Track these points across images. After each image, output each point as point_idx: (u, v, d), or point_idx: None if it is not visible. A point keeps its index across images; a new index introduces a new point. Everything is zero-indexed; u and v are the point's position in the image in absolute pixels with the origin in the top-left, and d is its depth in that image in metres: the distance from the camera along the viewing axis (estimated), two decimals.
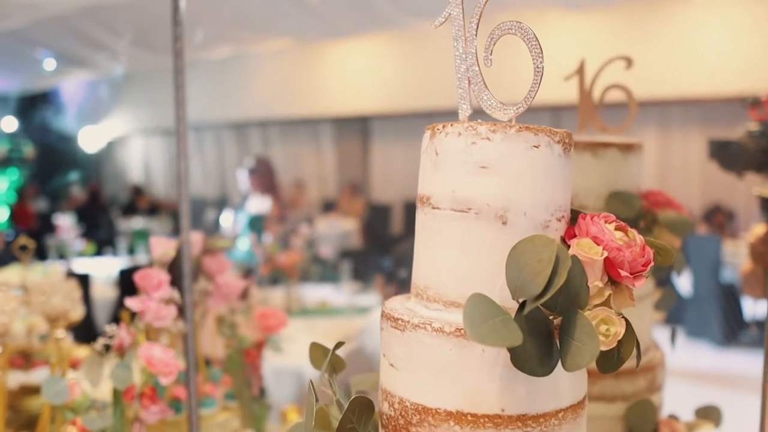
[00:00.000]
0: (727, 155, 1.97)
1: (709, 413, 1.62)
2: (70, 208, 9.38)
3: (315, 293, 4.94)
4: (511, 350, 0.79)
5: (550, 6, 6.65)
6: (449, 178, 0.90)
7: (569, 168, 0.92)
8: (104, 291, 5.34)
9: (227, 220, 6.56)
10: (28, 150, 10.86)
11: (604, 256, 0.84)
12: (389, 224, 9.88)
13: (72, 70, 8.58)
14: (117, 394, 1.58)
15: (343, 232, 8.55)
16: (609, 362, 0.87)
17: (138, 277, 1.67)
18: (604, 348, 0.83)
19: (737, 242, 6.39)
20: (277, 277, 4.96)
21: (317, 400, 0.96)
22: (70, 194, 10.59)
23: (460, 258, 0.89)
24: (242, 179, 6.26)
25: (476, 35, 0.93)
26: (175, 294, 1.69)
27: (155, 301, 1.64)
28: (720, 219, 7.09)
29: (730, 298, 5.88)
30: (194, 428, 1.80)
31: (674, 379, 1.68)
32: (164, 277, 1.68)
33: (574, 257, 0.81)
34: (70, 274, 3.61)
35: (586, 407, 0.94)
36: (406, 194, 9.77)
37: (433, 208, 0.92)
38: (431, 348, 0.85)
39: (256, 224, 5.76)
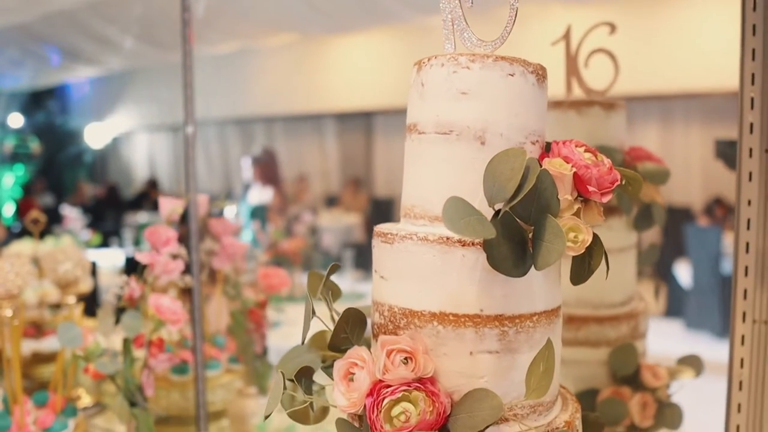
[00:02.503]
0: (733, 154, 2.05)
1: (690, 361, 1.69)
2: (76, 203, 9.49)
3: None
4: (487, 251, 0.88)
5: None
6: (433, 104, 0.99)
7: (543, 97, 1.00)
8: (110, 279, 5.42)
9: (231, 212, 6.64)
10: (35, 146, 10.98)
11: (573, 171, 0.92)
12: (392, 219, 9.91)
13: (78, 66, 8.69)
14: (127, 342, 1.67)
15: (346, 226, 8.63)
16: (580, 272, 0.96)
17: (148, 234, 1.76)
18: (572, 253, 0.91)
19: None
20: (280, 263, 5.04)
21: (314, 313, 1.05)
22: (79, 185, 10.69)
23: (443, 176, 0.98)
24: (246, 167, 6.35)
25: None
26: (182, 250, 1.78)
27: (164, 255, 1.73)
28: (721, 212, 7.12)
29: (730, 289, 5.89)
30: (200, 382, 1.89)
31: None
32: (172, 233, 1.77)
33: (544, 169, 0.89)
34: None
35: (560, 317, 1.03)
36: None
37: (419, 133, 1.01)
38: (417, 256, 0.94)
39: (259, 213, 5.85)
